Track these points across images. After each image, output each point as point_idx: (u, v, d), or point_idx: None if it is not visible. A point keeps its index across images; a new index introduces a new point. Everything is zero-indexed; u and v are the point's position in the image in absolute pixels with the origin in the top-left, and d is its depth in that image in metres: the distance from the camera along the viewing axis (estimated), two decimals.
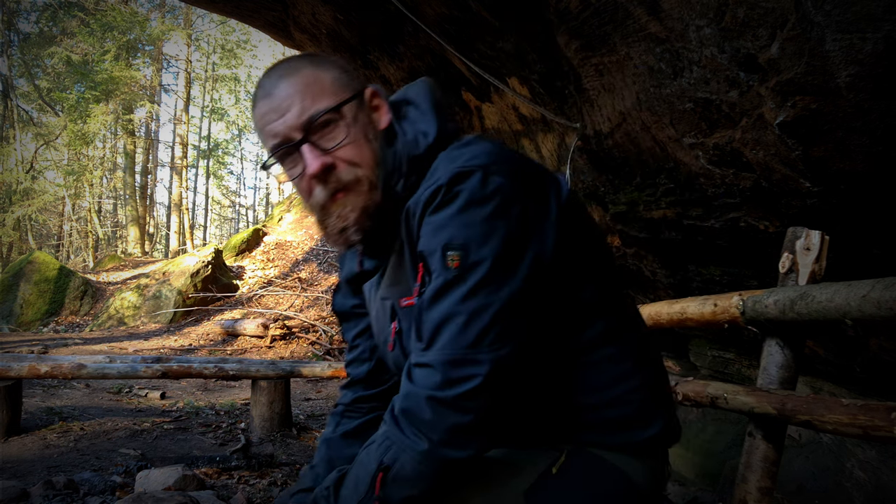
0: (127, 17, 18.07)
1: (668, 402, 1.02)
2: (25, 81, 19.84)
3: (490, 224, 0.87)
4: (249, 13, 4.73)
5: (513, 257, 0.88)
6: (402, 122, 1.03)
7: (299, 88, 0.98)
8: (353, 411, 1.23)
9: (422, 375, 0.88)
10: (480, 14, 2.63)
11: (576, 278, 0.96)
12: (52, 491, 2.64)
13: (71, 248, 22.68)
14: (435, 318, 0.88)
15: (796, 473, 2.59)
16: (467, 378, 0.85)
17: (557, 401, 0.97)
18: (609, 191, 2.73)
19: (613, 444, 0.96)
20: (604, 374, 0.96)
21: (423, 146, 1.00)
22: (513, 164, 0.92)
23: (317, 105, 0.97)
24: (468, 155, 0.92)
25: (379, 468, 0.87)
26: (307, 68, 1.00)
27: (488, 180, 0.88)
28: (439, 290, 0.88)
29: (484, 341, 0.86)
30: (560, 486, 0.94)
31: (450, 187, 0.88)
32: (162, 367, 4.08)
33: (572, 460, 0.95)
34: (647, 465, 0.97)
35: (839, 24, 1.24)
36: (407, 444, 0.87)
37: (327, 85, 0.99)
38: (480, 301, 0.86)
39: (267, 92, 1.00)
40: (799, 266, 1.54)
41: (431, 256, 0.89)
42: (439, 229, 0.88)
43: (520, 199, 0.89)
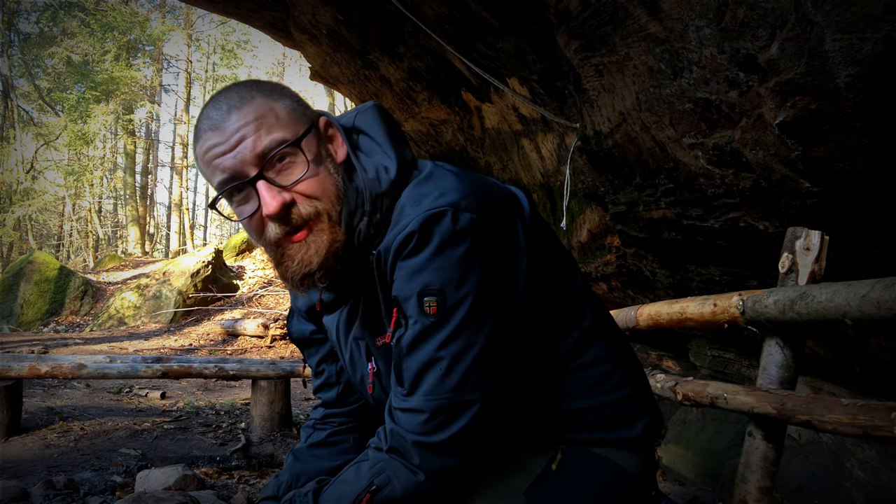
0: (127, 17, 18.08)
1: (648, 393, 1.05)
2: (26, 81, 19.87)
3: (465, 265, 0.86)
4: (249, 13, 4.73)
5: (490, 295, 0.88)
6: (358, 155, 0.98)
7: (251, 120, 0.90)
8: (323, 425, 1.24)
9: (406, 419, 0.88)
10: (480, 14, 2.63)
11: (549, 295, 0.97)
12: (52, 491, 2.65)
13: (71, 248, 22.69)
14: (415, 365, 0.88)
15: (796, 473, 2.59)
16: (453, 422, 0.86)
17: (546, 410, 0.99)
18: (609, 191, 2.73)
19: (605, 440, 0.98)
20: (587, 379, 0.98)
21: (385, 183, 0.94)
22: (479, 195, 0.90)
23: (272, 138, 0.90)
24: (435, 193, 0.89)
25: (368, 488, 0.88)
26: (259, 98, 0.92)
27: (459, 219, 0.86)
28: (418, 337, 0.88)
29: (467, 384, 0.86)
30: (559, 482, 0.95)
31: (422, 232, 0.86)
32: (162, 367, 4.08)
33: (569, 457, 0.97)
34: (638, 456, 1.00)
35: (839, 24, 1.24)
36: (402, 473, 0.88)
37: (282, 116, 0.92)
38: (461, 344, 0.86)
39: (215, 124, 0.91)
40: (799, 266, 1.55)
41: (407, 302, 0.88)
42: (414, 274, 0.87)
43: (491, 234, 0.89)
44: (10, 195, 19.30)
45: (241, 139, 0.90)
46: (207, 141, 0.92)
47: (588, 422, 0.98)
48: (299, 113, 0.95)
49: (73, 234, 22.36)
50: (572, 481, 0.95)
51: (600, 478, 0.96)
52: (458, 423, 0.86)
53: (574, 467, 0.96)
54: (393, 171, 0.95)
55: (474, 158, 4.43)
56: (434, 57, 3.63)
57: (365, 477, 0.90)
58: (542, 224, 1.01)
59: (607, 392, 0.98)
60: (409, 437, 0.87)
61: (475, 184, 0.92)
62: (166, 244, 25.24)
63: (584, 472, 0.96)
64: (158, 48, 21.40)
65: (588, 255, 3.49)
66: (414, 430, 0.87)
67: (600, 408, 0.98)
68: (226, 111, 0.91)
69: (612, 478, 0.96)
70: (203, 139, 0.92)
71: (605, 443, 0.98)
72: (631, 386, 1.00)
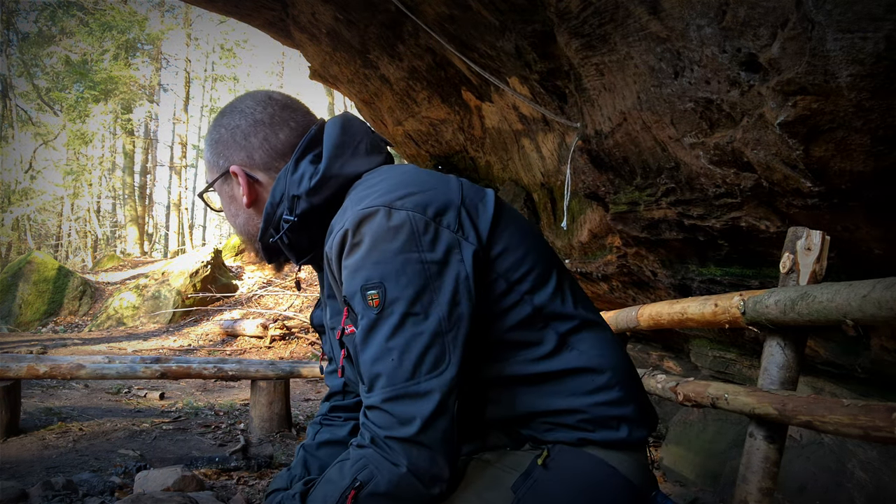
0: (126, 16, 18.07)
1: (640, 393, 1.04)
2: (24, 81, 19.83)
3: (402, 257, 0.89)
4: (249, 12, 4.73)
5: (433, 285, 0.89)
6: (302, 161, 1.09)
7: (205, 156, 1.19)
8: (330, 421, 1.27)
9: (374, 417, 0.90)
10: (480, 13, 2.62)
11: (510, 293, 0.97)
12: (50, 491, 2.64)
13: (70, 247, 22.67)
14: (368, 359, 0.90)
15: (797, 474, 2.59)
16: (415, 412, 0.87)
17: (531, 413, 0.98)
18: (609, 191, 2.73)
19: (589, 441, 0.98)
20: (569, 381, 0.97)
21: (302, 188, 1.06)
22: (419, 194, 0.93)
23: (205, 180, 1.21)
24: (374, 194, 0.94)
25: (352, 485, 0.89)
26: (206, 148, 1.19)
27: (392, 216, 0.90)
28: (367, 331, 0.90)
29: (420, 371, 0.87)
30: (546, 475, 0.95)
31: (356, 230, 0.91)
32: (161, 368, 4.07)
33: (557, 453, 0.97)
34: (628, 455, 0.99)
35: (840, 23, 1.24)
36: (384, 466, 0.88)
37: (209, 161, 1.18)
38: (407, 334, 0.88)
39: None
40: (800, 266, 1.54)
41: (353, 299, 0.92)
42: (355, 271, 0.91)
43: (429, 228, 0.91)
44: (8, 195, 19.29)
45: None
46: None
47: (570, 423, 0.97)
48: (211, 164, 1.17)
49: (71, 234, 22.34)
50: (559, 475, 0.95)
51: (588, 472, 0.96)
52: (421, 412, 0.87)
53: (561, 462, 0.96)
54: (314, 180, 1.05)
55: (474, 158, 4.43)
56: (434, 56, 3.62)
57: (348, 474, 0.90)
58: (514, 224, 1.01)
59: (590, 393, 0.97)
60: (381, 432, 0.89)
61: (421, 183, 0.96)
62: (165, 244, 25.23)
63: (571, 466, 0.96)
64: (157, 47, 21.38)
65: (589, 255, 3.49)
66: (382, 426, 0.88)
67: (583, 409, 0.97)
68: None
69: (601, 473, 0.96)
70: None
71: (590, 443, 0.97)
72: (618, 388, 0.99)
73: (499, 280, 0.96)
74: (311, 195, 1.04)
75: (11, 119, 19.57)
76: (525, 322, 0.97)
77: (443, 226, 0.92)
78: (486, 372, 0.97)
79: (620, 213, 2.72)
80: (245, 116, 1.12)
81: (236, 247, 14.44)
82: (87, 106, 18.28)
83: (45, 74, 19.78)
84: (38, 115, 20.70)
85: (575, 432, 0.97)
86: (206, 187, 1.18)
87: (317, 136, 1.11)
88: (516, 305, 0.97)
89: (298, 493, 0.96)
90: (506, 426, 1.01)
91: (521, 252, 0.99)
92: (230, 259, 13.88)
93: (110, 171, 23.60)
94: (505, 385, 0.98)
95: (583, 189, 2.88)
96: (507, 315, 0.96)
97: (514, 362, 0.97)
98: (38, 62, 19.35)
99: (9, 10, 18.19)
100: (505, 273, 0.96)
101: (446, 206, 0.94)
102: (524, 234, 1.02)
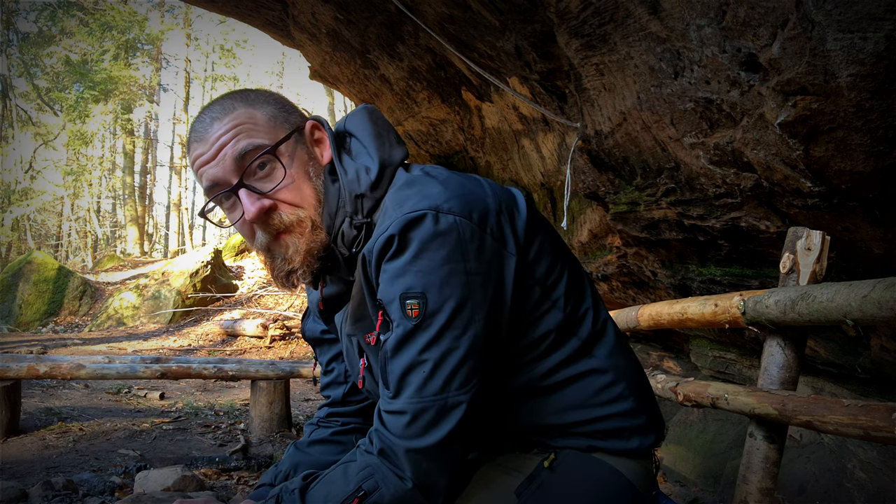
0: (126, 16, 18.07)
1: (651, 402, 1.03)
2: (24, 81, 19.83)
3: (447, 267, 0.86)
4: (249, 12, 4.73)
5: (473, 299, 0.87)
6: (343, 157, 1.00)
7: (232, 128, 0.94)
8: (327, 424, 1.25)
9: (392, 421, 0.88)
10: (481, 13, 2.62)
11: (543, 301, 0.95)
12: (51, 491, 2.64)
13: (70, 248, 22.67)
14: (399, 368, 0.88)
15: (797, 474, 2.59)
16: (437, 425, 0.86)
17: (539, 418, 0.98)
18: (609, 191, 2.73)
19: (599, 448, 0.97)
20: (584, 389, 0.96)
21: (364, 184, 0.96)
22: (463, 198, 0.89)
23: (250, 143, 0.94)
24: (417, 196, 0.89)
25: (356, 493, 0.88)
26: (240, 107, 0.96)
27: (440, 220, 0.86)
28: (402, 340, 0.87)
29: (451, 386, 0.86)
30: (551, 479, 0.95)
31: (402, 235, 0.86)
32: (161, 368, 4.07)
33: (563, 457, 0.97)
34: (635, 462, 0.99)
35: (840, 23, 1.24)
36: (390, 479, 0.88)
37: (262, 123, 0.96)
38: (444, 347, 0.86)
39: (200, 135, 0.96)
40: (800, 266, 1.54)
41: (390, 305, 0.88)
42: (396, 278, 0.87)
43: (475, 236, 0.87)
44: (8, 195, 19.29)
45: (222, 147, 0.94)
46: (194, 151, 0.97)
47: (582, 432, 0.97)
48: (281, 119, 0.98)
49: (71, 234, 22.34)
50: (565, 479, 0.95)
51: (594, 476, 0.95)
52: (443, 427, 0.86)
53: (567, 466, 0.96)
54: (373, 172, 0.97)
55: (474, 158, 4.43)
56: (434, 56, 3.63)
57: (353, 480, 0.89)
58: (543, 228, 0.99)
59: (605, 404, 0.96)
60: (397, 441, 0.87)
61: (460, 187, 0.92)
62: (165, 244, 25.22)
63: (577, 470, 0.95)
64: (157, 47, 21.39)
65: (589, 255, 3.49)
66: (400, 434, 0.87)
67: (597, 420, 0.96)
68: (209, 122, 0.96)
69: (607, 477, 0.95)
70: (191, 150, 0.98)
71: (599, 450, 0.97)
72: (633, 398, 0.98)
73: (535, 287, 0.94)
74: (375, 189, 0.96)
75: (11, 119, 19.57)
76: (555, 330, 0.95)
77: (486, 233, 0.89)
78: (507, 380, 0.96)
79: (620, 213, 2.72)
80: (271, 103, 1.01)
81: (236, 247, 14.45)
82: (87, 106, 18.28)
83: (45, 74, 19.77)
84: (38, 115, 20.71)
85: (585, 440, 0.97)
86: (277, 144, 0.95)
87: (338, 135, 1.05)
88: (549, 312, 0.95)
89: (298, 489, 0.94)
90: (518, 433, 1.00)
91: (552, 256, 0.97)
92: (230, 259, 13.89)
93: (110, 171, 23.60)
94: (524, 394, 0.97)
95: (583, 189, 2.88)
96: (540, 323, 0.95)
97: (537, 370, 0.96)
98: (38, 62, 19.34)
99: (9, 10, 18.19)
100: (541, 279, 0.94)
101: (487, 210, 0.90)
102: (553, 238, 1.00)
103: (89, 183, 20.62)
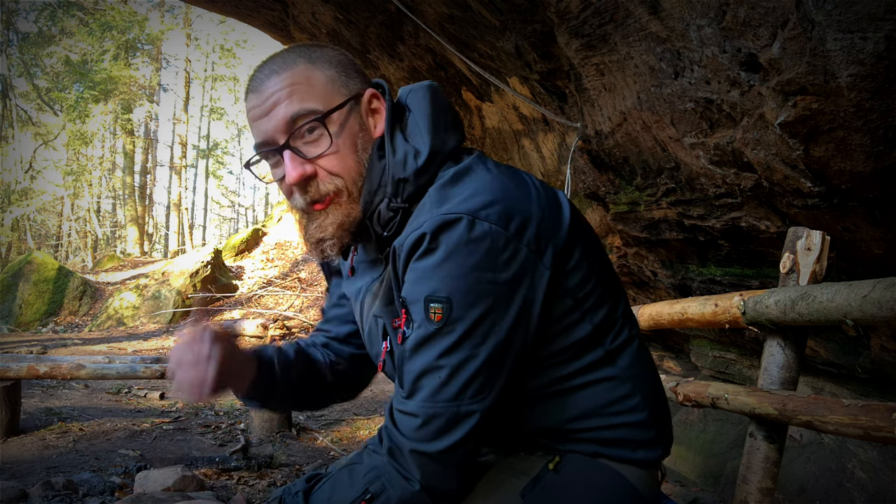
0: (126, 16, 18.07)
1: (665, 418, 1.02)
2: (24, 81, 19.82)
3: (475, 276, 0.83)
4: (249, 12, 4.73)
5: (498, 310, 0.85)
6: (396, 135, 0.97)
7: (288, 86, 0.93)
8: (316, 348, 1.23)
9: (404, 423, 0.88)
10: (481, 13, 2.62)
11: (574, 310, 0.93)
12: (51, 491, 2.64)
13: (70, 248, 22.66)
14: (416, 370, 0.87)
15: (797, 474, 2.59)
16: (448, 432, 0.85)
17: (551, 423, 0.97)
18: (610, 191, 2.73)
19: (608, 456, 0.97)
20: (600, 397, 0.95)
21: (410, 169, 0.93)
22: (505, 203, 0.86)
23: (304, 107, 0.92)
24: (458, 197, 0.86)
25: (363, 496, 0.87)
26: (301, 64, 0.94)
27: (475, 227, 0.83)
28: (421, 342, 0.86)
29: (465, 395, 0.85)
30: (556, 481, 0.94)
31: (434, 236, 0.84)
32: (161, 368, 4.07)
33: (569, 460, 0.96)
34: (644, 471, 0.98)
35: (840, 23, 1.24)
36: (397, 481, 0.87)
37: (319, 86, 0.94)
38: (463, 355, 0.85)
39: (256, 86, 0.95)
40: (800, 266, 1.54)
41: (414, 305, 0.87)
42: (422, 279, 0.85)
43: (509, 246, 0.85)
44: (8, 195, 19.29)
45: (275, 104, 0.93)
46: (249, 102, 0.97)
47: (589, 438, 0.96)
48: (339, 84, 0.96)
49: (71, 234, 22.34)
50: (569, 481, 0.94)
51: (598, 480, 0.95)
52: (453, 435, 0.85)
53: (572, 469, 0.95)
54: (422, 158, 0.94)
55: None
56: (434, 56, 3.63)
57: (360, 483, 0.88)
58: (584, 236, 0.96)
59: (617, 414, 0.95)
60: (406, 443, 0.86)
61: (506, 190, 0.88)
62: (165, 244, 25.22)
63: (581, 473, 0.95)
64: (157, 47, 21.39)
65: None
66: (410, 436, 0.86)
67: (606, 428, 0.95)
68: (267, 74, 0.95)
69: (611, 481, 0.95)
70: (248, 100, 0.97)
71: (604, 457, 0.96)
72: (646, 412, 0.96)
73: (566, 298, 0.92)
74: (420, 176, 0.93)
75: (11, 119, 19.56)
76: (582, 341, 0.94)
77: (522, 243, 0.86)
78: (523, 384, 0.94)
79: (620, 213, 2.72)
80: (333, 65, 0.97)
81: (236, 247, 14.45)
82: (87, 106, 18.27)
83: (45, 74, 19.77)
84: (38, 115, 20.69)
85: (592, 445, 0.96)
86: (328, 112, 0.92)
87: (397, 107, 1.01)
88: (577, 324, 0.93)
89: (301, 491, 0.92)
90: (527, 435, 0.99)
91: (588, 267, 0.94)
92: (230, 259, 13.88)
93: (110, 171, 23.60)
94: (537, 397, 0.96)
95: (583, 189, 2.88)
96: (568, 333, 0.93)
97: (555, 376, 0.95)
98: (38, 62, 19.34)
99: (9, 10, 18.19)
100: (572, 290, 0.92)
101: (528, 218, 0.87)
102: (592, 247, 0.97)
103: (89, 183, 20.62)
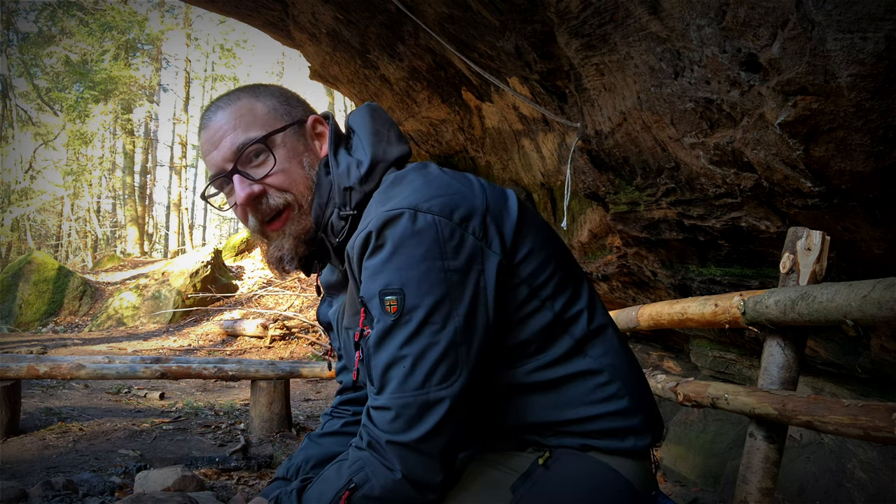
0: (126, 16, 18.07)
1: (648, 402, 1.02)
2: (24, 81, 19.81)
3: (425, 265, 0.87)
4: (249, 12, 4.73)
5: (453, 296, 0.88)
6: (340, 152, 1.05)
7: (232, 119, 1.02)
8: (339, 413, 1.28)
9: (377, 417, 0.90)
10: (481, 13, 2.62)
11: (531, 300, 0.95)
12: (50, 491, 2.64)
13: (70, 248, 22.67)
14: (381, 363, 0.90)
15: (797, 474, 2.59)
16: (420, 420, 0.87)
17: (539, 421, 0.98)
18: (610, 191, 2.73)
19: (594, 447, 0.97)
20: (578, 388, 0.96)
21: (354, 178, 1.01)
22: (444, 197, 0.91)
23: (248, 135, 1.00)
24: (399, 196, 0.92)
25: (347, 486, 0.90)
26: (244, 99, 1.04)
27: (417, 219, 0.88)
28: (382, 335, 0.90)
29: (431, 381, 0.87)
30: (546, 476, 0.95)
31: (379, 232, 0.89)
32: (161, 368, 4.07)
33: (559, 455, 0.97)
34: (632, 461, 0.98)
35: (840, 23, 1.24)
36: (379, 470, 0.89)
37: (262, 116, 1.03)
38: (423, 343, 0.88)
39: (205, 124, 1.04)
40: (800, 266, 1.54)
41: (371, 302, 0.90)
42: (375, 275, 0.89)
43: (455, 234, 0.89)
44: (8, 195, 19.30)
45: (222, 136, 1.02)
46: (201, 139, 1.06)
47: (575, 431, 0.97)
48: (282, 112, 1.05)
49: (71, 234, 22.35)
50: (560, 476, 0.95)
51: (589, 474, 0.95)
52: (426, 422, 0.87)
53: (563, 464, 0.96)
54: (364, 166, 1.02)
55: (474, 158, 4.43)
56: (434, 56, 3.63)
57: (345, 475, 0.91)
58: (536, 228, 0.99)
59: (599, 403, 0.96)
60: (382, 436, 0.89)
61: (447, 186, 0.94)
62: (165, 244, 25.22)
63: (572, 468, 0.95)
64: (157, 47, 21.39)
65: (589, 255, 3.49)
66: (385, 429, 0.89)
67: (590, 419, 0.96)
68: (214, 111, 1.05)
69: (603, 475, 0.95)
70: (200, 138, 1.07)
71: (593, 449, 0.97)
72: (627, 399, 0.97)
73: (521, 286, 0.95)
74: (364, 183, 1.01)
75: (11, 119, 19.56)
76: (545, 329, 0.96)
77: (468, 231, 0.90)
78: (498, 378, 0.96)
79: (620, 213, 2.72)
80: (275, 97, 1.07)
81: (236, 247, 14.45)
82: (87, 106, 18.27)
83: (45, 74, 19.76)
84: (38, 115, 20.69)
85: (579, 439, 0.97)
86: (269, 135, 1.00)
87: (339, 127, 1.10)
88: (538, 312, 0.95)
89: (295, 490, 0.96)
90: (512, 432, 1.00)
91: (543, 256, 0.97)
92: (230, 259, 13.88)
93: (110, 171, 23.60)
94: (516, 392, 0.97)
95: (583, 189, 2.88)
96: (528, 321, 0.95)
97: (528, 368, 0.96)
98: (38, 62, 19.33)
99: (9, 10, 18.18)
100: (527, 278, 0.95)
101: (472, 210, 0.92)
102: (546, 238, 1.00)
103: (89, 183, 20.62)
